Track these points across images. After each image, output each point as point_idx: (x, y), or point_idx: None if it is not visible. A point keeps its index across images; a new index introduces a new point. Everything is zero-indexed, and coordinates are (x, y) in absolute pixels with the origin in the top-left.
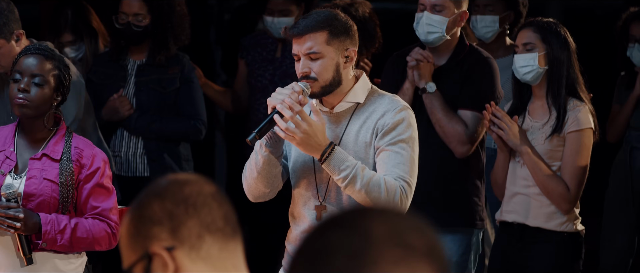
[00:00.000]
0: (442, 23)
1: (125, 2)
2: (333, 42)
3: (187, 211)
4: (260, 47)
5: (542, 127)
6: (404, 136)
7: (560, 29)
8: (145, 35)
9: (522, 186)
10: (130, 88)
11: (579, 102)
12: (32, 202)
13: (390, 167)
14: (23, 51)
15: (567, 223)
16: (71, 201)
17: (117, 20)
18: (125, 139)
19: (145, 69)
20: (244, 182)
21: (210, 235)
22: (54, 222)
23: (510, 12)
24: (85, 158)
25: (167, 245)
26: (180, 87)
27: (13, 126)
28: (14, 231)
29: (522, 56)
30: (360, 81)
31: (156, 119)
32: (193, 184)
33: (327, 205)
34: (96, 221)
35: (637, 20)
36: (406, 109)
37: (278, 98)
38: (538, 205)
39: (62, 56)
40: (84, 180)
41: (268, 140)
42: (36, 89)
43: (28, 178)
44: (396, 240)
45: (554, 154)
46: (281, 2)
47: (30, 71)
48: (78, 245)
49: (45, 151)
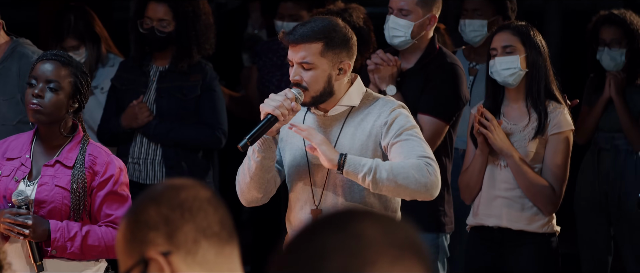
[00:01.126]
0: (407, 27)
1: (151, 7)
2: (327, 54)
3: (183, 216)
4: (272, 52)
5: (523, 130)
6: (407, 125)
7: (535, 33)
8: (169, 41)
9: (503, 189)
10: (151, 94)
11: (558, 104)
12: (43, 209)
13: (407, 154)
14: (41, 56)
15: (548, 224)
16: (83, 208)
17: (141, 25)
18: (144, 145)
19: (167, 75)
20: (237, 187)
21: (206, 240)
22: (64, 229)
23: (498, 16)
24: (99, 165)
25: (163, 250)
26: (201, 95)
27: (31, 133)
28: (24, 238)
29: (503, 59)
30: (354, 84)
31: (175, 127)
32: (189, 189)
33: (323, 209)
34: (109, 229)
35: (607, 24)
36: (401, 106)
37: (271, 105)
38: (520, 208)
39: (80, 62)
40: (97, 187)
41: (261, 146)
42: (51, 94)
43: (40, 184)
44: (389, 241)
45: (535, 157)
46: (292, 6)
47: (46, 77)
48: (90, 253)
49: (58, 158)
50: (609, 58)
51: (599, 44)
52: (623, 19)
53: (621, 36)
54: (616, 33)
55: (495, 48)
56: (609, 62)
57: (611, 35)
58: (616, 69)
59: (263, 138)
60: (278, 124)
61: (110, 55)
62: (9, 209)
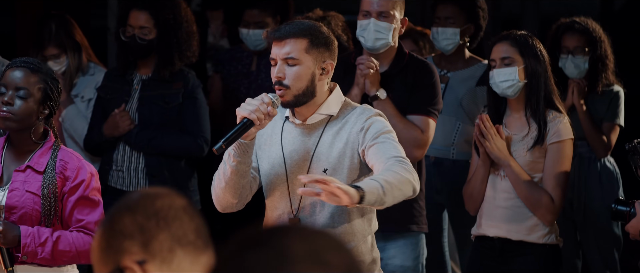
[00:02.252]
0: (389, 30)
1: (132, 15)
2: (312, 52)
3: (158, 224)
4: (236, 61)
5: (522, 139)
6: (384, 130)
7: (535, 42)
8: (151, 49)
9: (503, 199)
10: (134, 103)
11: (558, 113)
12: (14, 215)
13: (385, 155)
14: (10, 64)
15: (549, 235)
16: (55, 214)
17: (123, 33)
18: (127, 153)
19: (150, 84)
20: (212, 192)
21: (181, 249)
22: (34, 235)
23: (470, 24)
24: (70, 170)
25: (139, 258)
26: (183, 103)
27: (2, 140)
28: None
29: (501, 71)
30: (334, 93)
31: (157, 135)
32: (164, 197)
33: (301, 217)
34: (81, 234)
35: (570, 32)
36: (378, 114)
37: (247, 109)
38: (520, 218)
39: (50, 69)
40: (68, 193)
41: (236, 150)
42: (20, 102)
43: (10, 190)
44: (314, 258)
45: (534, 166)
46: (257, 14)
47: (15, 84)
48: (61, 259)
49: (29, 163)
50: (572, 66)
51: (562, 51)
52: (586, 27)
53: (584, 43)
54: (580, 41)
55: (494, 59)
56: (573, 70)
57: (575, 42)
58: (579, 76)
59: (239, 142)
60: (254, 128)
61: (90, 63)
62: None
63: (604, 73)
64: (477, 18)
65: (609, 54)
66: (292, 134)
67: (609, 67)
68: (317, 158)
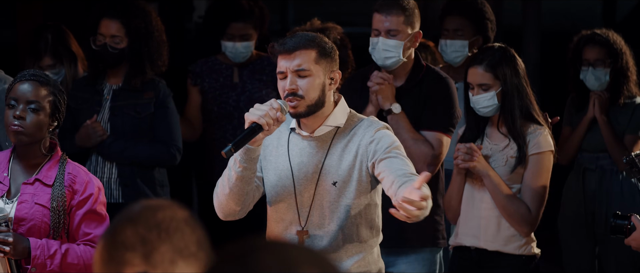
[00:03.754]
0: (398, 47)
1: (103, 24)
2: (321, 62)
3: (159, 236)
4: (216, 73)
5: (502, 149)
6: (394, 144)
7: (509, 55)
8: (122, 58)
9: (480, 209)
10: (105, 113)
11: (538, 125)
12: (23, 227)
13: (396, 171)
14: (18, 77)
15: (525, 246)
16: (63, 227)
17: (94, 41)
18: (100, 165)
19: (121, 93)
20: (214, 199)
21: (183, 260)
22: (44, 247)
23: (478, 36)
24: (78, 184)
25: (140, 270)
26: (155, 112)
27: (8, 152)
28: (3, 256)
29: (481, 98)
30: (339, 104)
31: (130, 145)
32: (166, 209)
33: (310, 230)
34: (88, 247)
35: (590, 44)
36: (386, 127)
37: (256, 113)
38: (497, 229)
39: (56, 81)
40: (76, 206)
41: (243, 156)
42: (32, 115)
43: (19, 202)
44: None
45: (513, 177)
46: (242, 26)
47: (26, 98)
48: (68, 271)
49: (38, 176)
50: (593, 78)
51: (583, 63)
52: (606, 39)
53: (605, 55)
54: (600, 53)
55: (471, 84)
56: (594, 82)
57: (595, 55)
58: (600, 88)
59: (246, 148)
60: (262, 134)
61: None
62: None
63: (626, 85)
64: (486, 30)
65: (630, 65)
66: (299, 146)
67: (630, 79)
68: (326, 170)
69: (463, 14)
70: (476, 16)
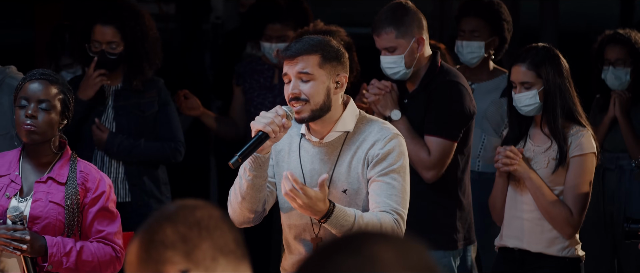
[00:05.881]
0: (399, 61)
1: (98, 31)
2: (325, 66)
3: (200, 234)
4: (257, 74)
5: (545, 151)
6: (395, 166)
7: (553, 54)
8: (119, 62)
9: (523, 210)
10: (109, 113)
11: (581, 127)
12: (37, 225)
13: (383, 198)
14: (27, 76)
15: (569, 248)
16: (76, 224)
17: (90, 48)
18: (106, 164)
19: (123, 93)
20: (229, 207)
21: (223, 257)
22: (59, 245)
23: (495, 37)
24: (91, 182)
25: (182, 268)
26: (158, 110)
27: (18, 151)
28: (20, 254)
29: (523, 96)
30: (348, 108)
31: (138, 144)
32: (203, 208)
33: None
34: (101, 244)
35: (612, 43)
36: (396, 136)
37: (261, 122)
38: (540, 230)
39: (64, 79)
40: (89, 204)
41: (252, 164)
42: (43, 114)
43: (34, 200)
44: (403, 263)
45: (555, 179)
46: (279, 28)
47: (37, 97)
48: (83, 268)
49: (51, 175)
50: (613, 77)
51: (604, 63)
52: (628, 38)
53: (626, 55)
54: (621, 52)
55: (514, 83)
56: (614, 81)
57: (616, 54)
58: (621, 88)
59: (254, 155)
60: (269, 141)
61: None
62: (4, 225)
63: None
64: (502, 31)
65: None
66: (310, 153)
67: None
68: (336, 178)
69: (479, 15)
70: (492, 17)
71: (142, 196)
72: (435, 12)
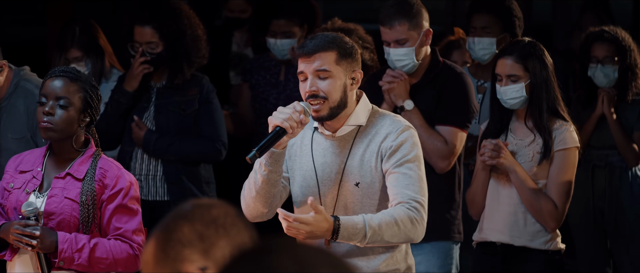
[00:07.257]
0: (410, 54)
1: (137, 31)
2: (341, 63)
3: (217, 232)
4: (264, 70)
5: (529, 145)
6: (409, 157)
7: (539, 49)
8: (160, 61)
9: (506, 204)
10: (151, 111)
11: (564, 121)
12: (52, 220)
13: (401, 189)
14: (49, 74)
15: (551, 241)
16: (93, 221)
17: (132, 47)
18: (145, 162)
19: (165, 91)
20: (242, 202)
21: None
22: (71, 241)
23: (506, 34)
24: (109, 178)
25: (200, 265)
26: (199, 109)
27: (45, 148)
28: (32, 249)
29: (509, 89)
30: (361, 102)
31: (175, 141)
32: (218, 206)
33: None
34: (118, 242)
35: (599, 41)
36: (408, 128)
37: (279, 117)
38: (523, 224)
39: (89, 76)
40: (107, 200)
41: (268, 159)
42: (61, 111)
43: (49, 196)
44: None
45: (539, 172)
46: (284, 24)
47: (55, 94)
48: (97, 266)
49: (69, 171)
50: (602, 75)
51: (591, 61)
52: (615, 36)
53: (614, 52)
54: (609, 50)
55: (500, 75)
56: (602, 79)
57: (604, 52)
58: (609, 85)
59: (271, 151)
60: (286, 137)
61: (113, 70)
62: (18, 220)
63: (634, 82)
64: (513, 27)
65: (639, 62)
66: (322, 146)
67: (638, 75)
68: (348, 171)
69: (491, 12)
70: (504, 14)
71: (181, 195)
72: (447, 9)
